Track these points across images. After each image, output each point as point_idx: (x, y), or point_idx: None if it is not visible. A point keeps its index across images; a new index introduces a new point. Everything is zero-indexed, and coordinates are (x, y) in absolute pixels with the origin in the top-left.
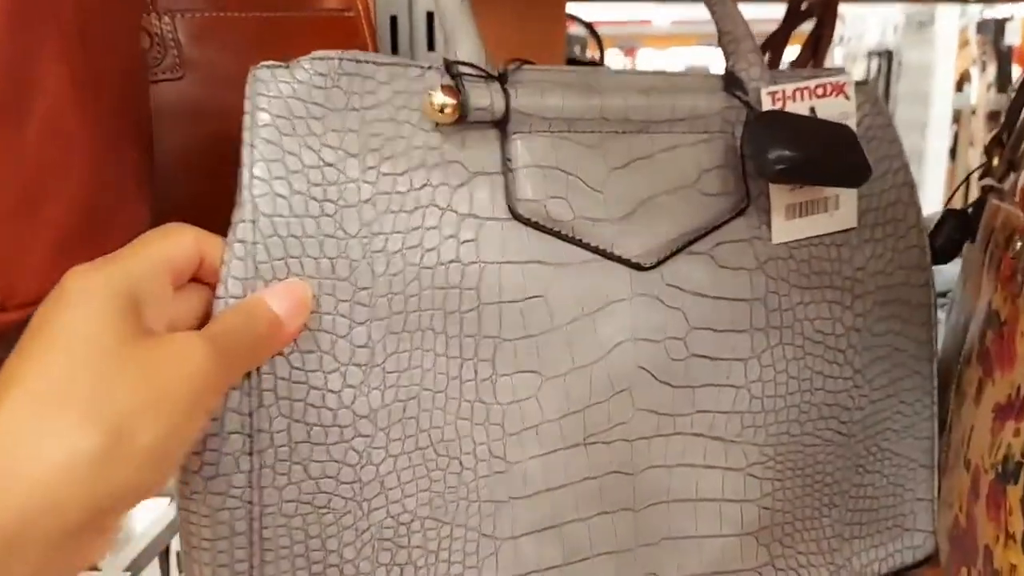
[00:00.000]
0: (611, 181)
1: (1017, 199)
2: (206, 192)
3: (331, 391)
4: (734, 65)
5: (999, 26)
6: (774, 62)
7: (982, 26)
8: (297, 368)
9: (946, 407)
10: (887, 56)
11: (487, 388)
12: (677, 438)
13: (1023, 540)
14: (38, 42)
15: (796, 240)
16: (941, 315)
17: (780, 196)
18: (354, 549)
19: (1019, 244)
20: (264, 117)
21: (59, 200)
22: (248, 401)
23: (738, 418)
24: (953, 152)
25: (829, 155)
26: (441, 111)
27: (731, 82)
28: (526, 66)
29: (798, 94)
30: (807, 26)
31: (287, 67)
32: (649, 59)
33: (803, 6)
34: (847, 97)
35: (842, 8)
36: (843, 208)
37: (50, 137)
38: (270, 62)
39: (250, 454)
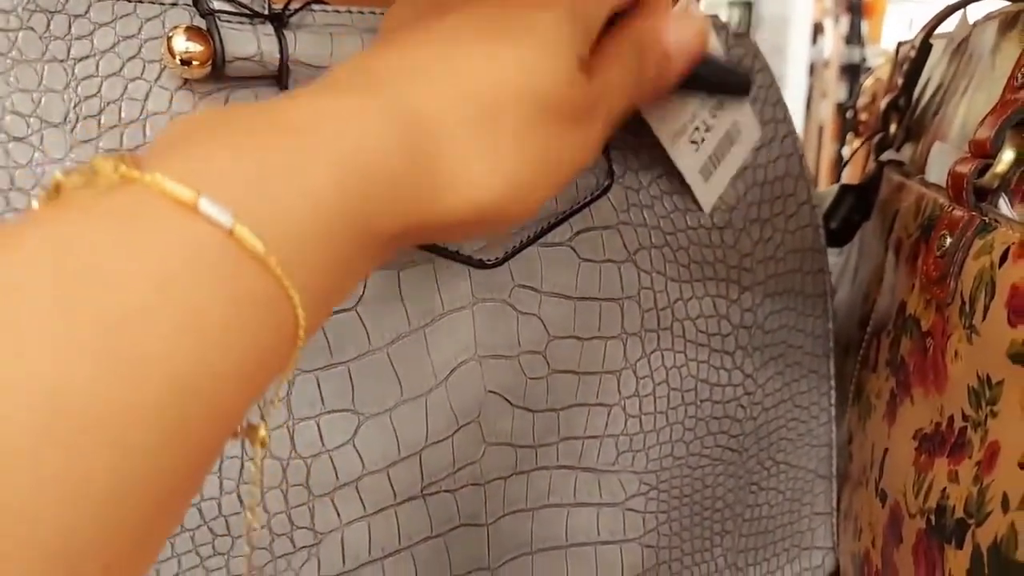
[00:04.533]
0: None
1: (946, 184)
2: None
3: None
4: None
5: None
6: None
7: None
8: None
9: (839, 407)
10: (747, 7)
11: (281, 439)
12: (540, 474)
13: None
14: None
15: (672, 225)
16: None
17: (686, 159)
18: None
19: (948, 239)
20: None
21: None
22: None
23: (612, 443)
24: (808, 104)
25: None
26: (187, 63)
27: None
28: (317, 4)
29: None
30: None
31: None
32: None
33: None
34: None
35: None
36: (743, 128)
37: None
38: None
39: None
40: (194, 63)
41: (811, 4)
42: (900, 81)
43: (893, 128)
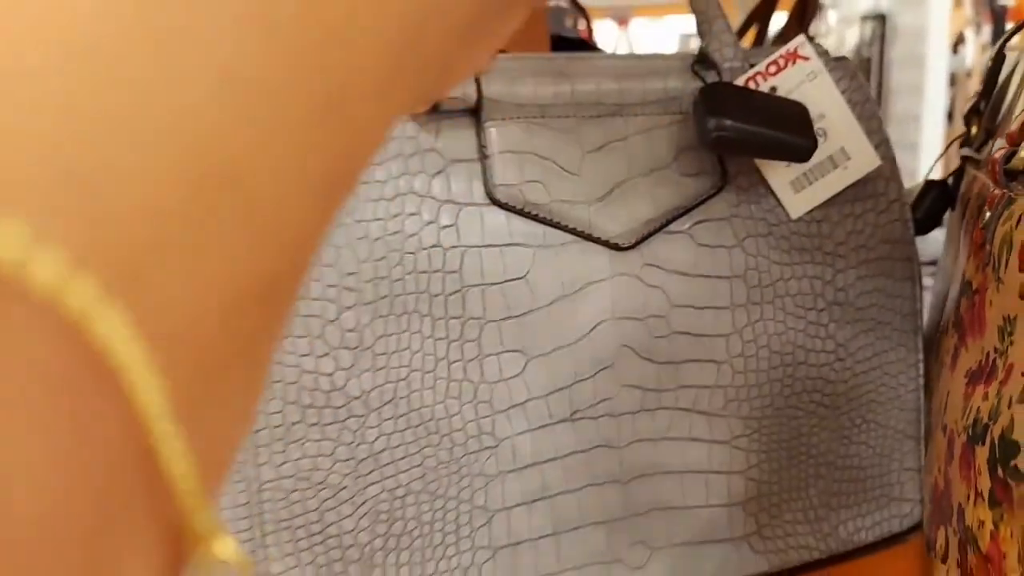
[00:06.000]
0: (587, 164)
1: (987, 169)
2: None
3: (323, 374)
4: (707, 46)
5: None
6: (761, 32)
7: None
8: (289, 353)
9: (928, 376)
10: (880, 20)
11: (474, 368)
12: (662, 412)
13: (989, 497)
14: None
15: (776, 217)
16: (930, 282)
17: (776, 173)
18: (352, 521)
19: (988, 214)
20: None
21: None
22: None
23: (721, 392)
24: (950, 115)
25: (773, 127)
26: None
27: (701, 62)
28: (499, 55)
29: (760, 78)
30: None
31: None
32: (643, 29)
33: None
34: (804, 57)
35: None
36: (855, 155)
37: None
38: None
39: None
40: None
41: (947, 14)
42: (980, 86)
43: (974, 130)
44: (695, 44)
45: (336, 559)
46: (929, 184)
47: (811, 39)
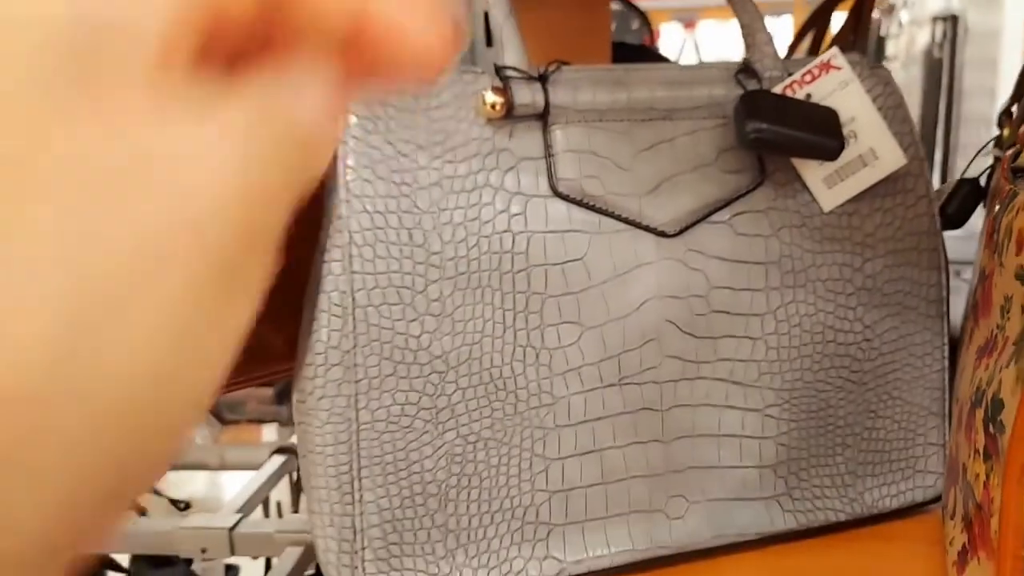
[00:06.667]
0: (638, 161)
1: (1002, 167)
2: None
3: (412, 336)
4: (750, 56)
5: None
6: (818, 36)
7: None
8: (385, 317)
9: (955, 361)
10: (952, 21)
11: (536, 335)
12: (701, 382)
13: (984, 453)
14: None
15: (810, 210)
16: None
17: (810, 171)
18: (432, 461)
19: (997, 207)
20: (352, 119)
21: None
22: (347, 341)
23: (755, 366)
24: None
25: (805, 130)
26: (492, 108)
27: (744, 71)
28: (564, 67)
29: (796, 86)
30: None
31: None
32: (710, 31)
33: None
34: (837, 67)
35: None
36: (883, 154)
37: None
38: None
39: (348, 382)
40: (496, 108)
41: (1023, 14)
42: (1013, 90)
43: (1006, 132)
44: None
45: (418, 492)
46: (962, 182)
47: (850, 50)
